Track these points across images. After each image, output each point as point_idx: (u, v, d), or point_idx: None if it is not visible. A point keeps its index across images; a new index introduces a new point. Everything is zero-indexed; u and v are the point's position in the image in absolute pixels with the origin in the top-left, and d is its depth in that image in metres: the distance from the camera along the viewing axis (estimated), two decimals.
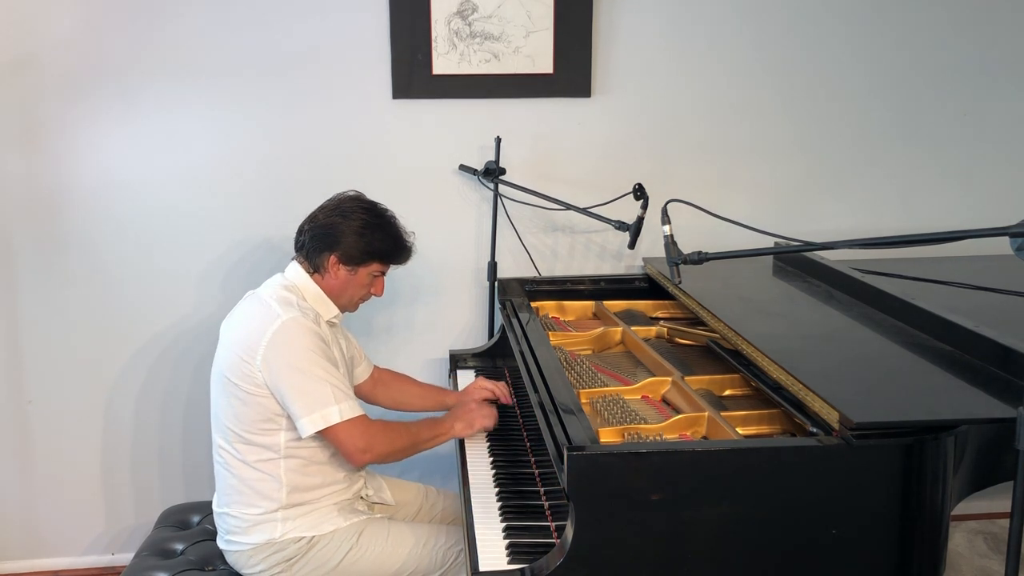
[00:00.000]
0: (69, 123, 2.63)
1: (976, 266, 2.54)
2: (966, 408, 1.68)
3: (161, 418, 2.87)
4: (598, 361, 2.34)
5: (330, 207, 2.16)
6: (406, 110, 2.75)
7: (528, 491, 1.97)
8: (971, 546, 2.99)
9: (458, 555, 2.12)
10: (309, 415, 1.96)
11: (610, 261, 2.94)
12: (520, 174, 2.79)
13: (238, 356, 2.01)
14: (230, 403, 2.04)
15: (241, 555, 2.08)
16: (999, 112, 2.97)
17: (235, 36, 2.64)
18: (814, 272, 2.55)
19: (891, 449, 1.57)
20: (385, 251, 2.15)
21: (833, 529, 1.59)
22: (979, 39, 2.91)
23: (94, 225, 2.70)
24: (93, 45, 2.60)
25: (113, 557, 2.94)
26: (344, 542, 2.07)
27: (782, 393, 1.84)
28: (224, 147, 2.70)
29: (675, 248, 1.84)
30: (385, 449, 2.04)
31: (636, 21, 2.77)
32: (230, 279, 2.77)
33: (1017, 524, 1.41)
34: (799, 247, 1.86)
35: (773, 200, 2.93)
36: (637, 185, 2.48)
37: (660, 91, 2.83)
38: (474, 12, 2.69)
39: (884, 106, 2.92)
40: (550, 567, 1.55)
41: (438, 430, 2.17)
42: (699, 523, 1.57)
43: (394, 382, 2.48)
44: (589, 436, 1.65)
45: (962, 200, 3.00)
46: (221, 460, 2.10)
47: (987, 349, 1.81)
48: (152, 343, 2.80)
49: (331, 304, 2.15)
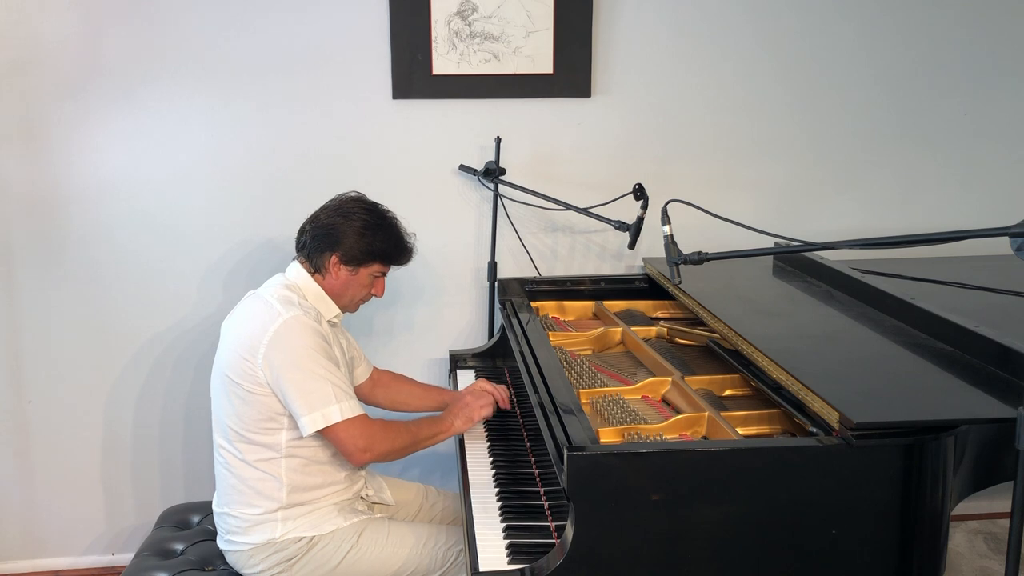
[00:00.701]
0: (69, 123, 2.63)
1: (976, 266, 2.54)
2: (966, 408, 1.68)
3: (161, 418, 2.87)
4: (598, 361, 2.34)
5: (331, 207, 2.17)
6: (406, 110, 2.75)
7: (528, 491, 1.97)
8: (971, 546, 2.99)
9: (458, 555, 2.12)
10: (310, 413, 1.96)
11: (610, 261, 2.94)
12: (520, 174, 2.79)
13: (239, 355, 2.01)
14: (231, 402, 2.04)
15: (241, 555, 2.08)
16: (999, 112, 2.97)
17: (235, 36, 2.64)
18: (814, 272, 2.55)
19: (891, 449, 1.57)
20: (386, 252, 2.16)
21: (833, 529, 1.59)
22: (979, 39, 2.91)
23: (94, 225, 2.70)
24: (93, 45, 2.60)
25: (113, 557, 2.94)
26: (344, 542, 2.07)
27: (782, 393, 1.84)
28: (224, 147, 2.70)
29: (675, 248, 1.84)
30: (385, 448, 2.05)
31: (636, 21, 2.77)
32: (230, 279, 2.77)
33: (1017, 524, 1.41)
34: (799, 247, 1.86)
35: (773, 200, 2.94)
36: (637, 185, 2.48)
37: (660, 91, 2.83)
38: (474, 12, 2.69)
39: (884, 106, 2.92)
40: (550, 567, 1.56)
41: (438, 428, 2.17)
42: (699, 523, 1.57)
43: (393, 383, 2.48)
44: (589, 436, 1.65)
45: (962, 200, 3.00)
46: (222, 460, 2.10)
47: (987, 349, 1.81)
48: (152, 343, 2.80)
49: (332, 304, 2.16)
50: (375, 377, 2.44)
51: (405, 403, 2.46)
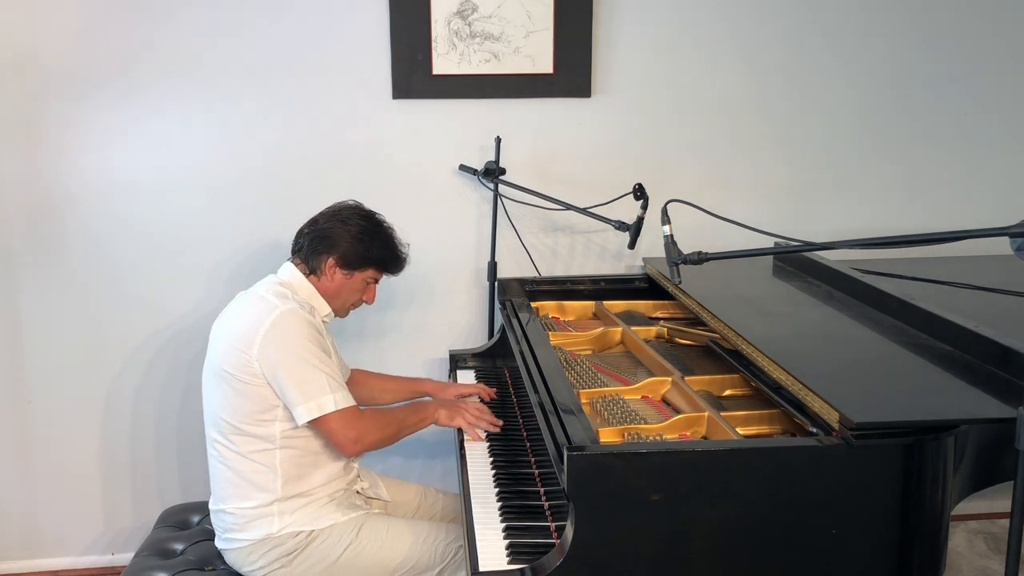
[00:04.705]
0: (69, 123, 2.63)
1: (976, 266, 2.54)
2: (966, 408, 1.68)
3: (161, 419, 2.86)
4: (598, 361, 2.34)
5: (329, 213, 2.22)
6: (406, 110, 2.75)
7: (528, 491, 1.97)
8: (971, 546, 2.99)
9: (457, 551, 2.12)
10: (306, 403, 2.00)
11: (610, 261, 2.94)
12: (520, 174, 2.79)
13: (234, 347, 2.03)
14: (225, 395, 2.06)
15: (240, 553, 2.09)
16: (1000, 112, 2.97)
17: (235, 37, 2.64)
18: (814, 272, 2.55)
19: (891, 449, 1.57)
20: (380, 258, 2.21)
21: (833, 529, 1.59)
22: (980, 39, 2.91)
23: (94, 225, 2.70)
24: (93, 45, 2.60)
25: (113, 557, 2.94)
26: (343, 537, 2.07)
27: (782, 393, 1.84)
28: (223, 147, 2.70)
29: (675, 248, 1.84)
30: (375, 437, 2.09)
31: (636, 21, 2.77)
32: (230, 278, 2.76)
33: (1017, 524, 1.41)
34: (799, 247, 1.86)
35: (773, 200, 2.93)
36: (637, 185, 2.48)
37: (660, 91, 2.83)
38: (474, 12, 2.69)
39: (884, 106, 2.92)
40: (550, 567, 1.56)
41: (422, 414, 2.23)
42: (699, 523, 1.57)
43: (368, 380, 2.51)
44: (589, 436, 1.65)
45: (962, 200, 3.00)
46: (216, 454, 2.11)
47: (987, 349, 1.81)
48: (152, 343, 2.80)
49: (324, 303, 2.19)
50: (353, 377, 2.46)
51: (379, 398, 2.50)
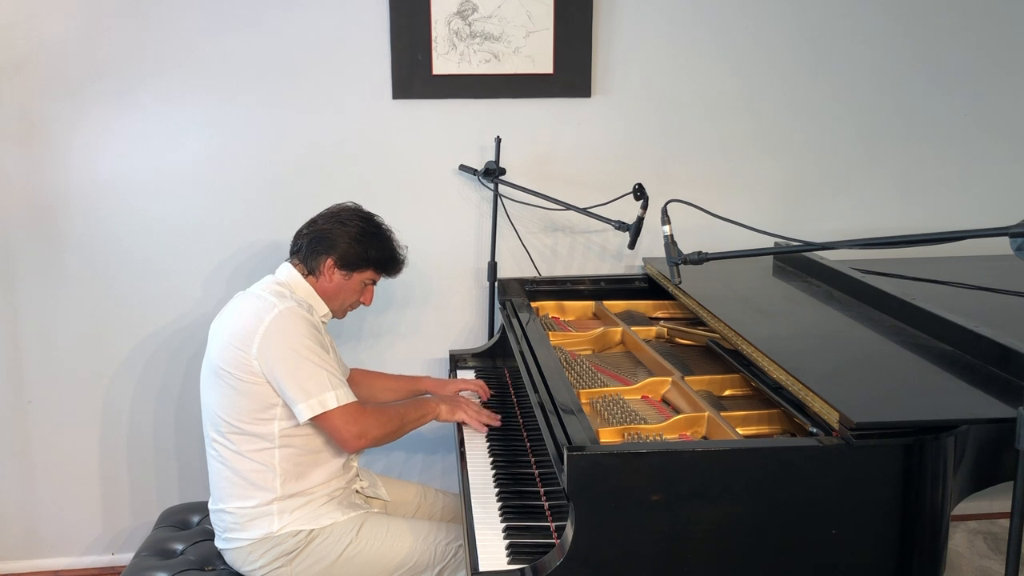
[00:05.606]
0: (69, 123, 2.63)
1: (976, 266, 2.54)
2: (966, 408, 1.68)
3: (161, 418, 2.86)
4: (598, 361, 2.34)
5: (328, 214, 2.23)
6: (406, 110, 2.75)
7: (528, 491, 1.97)
8: (971, 546, 2.99)
9: (457, 550, 2.12)
10: (307, 400, 2.00)
11: (610, 261, 2.94)
12: (520, 174, 2.79)
13: (233, 345, 2.03)
14: (224, 394, 2.05)
15: (240, 552, 2.08)
16: (999, 112, 2.97)
17: (235, 36, 2.64)
18: (814, 272, 2.55)
19: (891, 449, 1.57)
20: (379, 259, 2.22)
21: (833, 529, 1.59)
22: (979, 39, 2.91)
23: (93, 225, 2.70)
24: (93, 45, 2.60)
25: (113, 557, 2.94)
26: (344, 536, 2.08)
27: (782, 393, 1.84)
28: (223, 148, 2.70)
29: (675, 248, 1.84)
30: (378, 433, 2.09)
31: (636, 21, 2.77)
32: (231, 278, 2.76)
33: (1017, 524, 1.41)
34: (799, 247, 1.86)
35: (773, 200, 2.93)
36: (637, 185, 2.48)
37: (660, 91, 2.83)
38: (474, 12, 2.69)
39: (884, 106, 2.92)
40: (550, 567, 1.55)
41: (423, 410, 2.24)
42: (699, 523, 1.57)
43: (366, 379, 2.51)
44: (589, 436, 1.65)
45: (962, 200, 3.00)
46: (215, 453, 2.11)
47: (987, 349, 1.81)
48: (152, 344, 2.80)
49: (322, 303, 2.20)
50: (352, 376, 2.46)
51: (378, 397, 2.50)
